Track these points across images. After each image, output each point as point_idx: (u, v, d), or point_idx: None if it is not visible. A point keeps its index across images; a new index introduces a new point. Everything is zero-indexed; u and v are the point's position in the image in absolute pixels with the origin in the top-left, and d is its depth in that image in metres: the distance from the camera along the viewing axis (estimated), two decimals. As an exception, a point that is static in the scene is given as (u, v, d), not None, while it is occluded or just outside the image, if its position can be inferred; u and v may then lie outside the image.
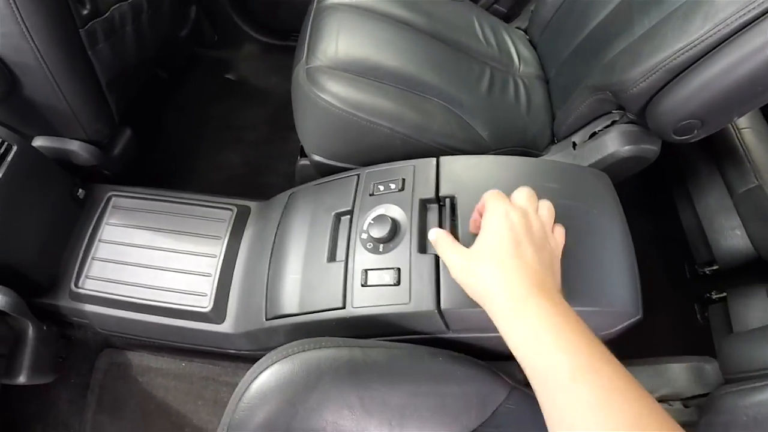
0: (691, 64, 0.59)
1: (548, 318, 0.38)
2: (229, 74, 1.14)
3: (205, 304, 0.71)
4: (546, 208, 0.47)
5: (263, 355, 0.53)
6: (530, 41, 0.92)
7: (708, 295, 0.87)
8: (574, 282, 0.52)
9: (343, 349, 0.49)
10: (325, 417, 0.45)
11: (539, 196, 0.55)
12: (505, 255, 0.41)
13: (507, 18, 1.01)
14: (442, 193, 0.57)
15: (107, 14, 0.70)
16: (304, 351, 0.48)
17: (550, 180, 0.58)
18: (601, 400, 0.34)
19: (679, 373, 0.60)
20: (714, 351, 0.84)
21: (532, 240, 0.42)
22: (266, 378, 0.48)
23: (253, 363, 0.52)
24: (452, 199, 0.56)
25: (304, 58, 0.69)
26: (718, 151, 0.84)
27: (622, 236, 0.59)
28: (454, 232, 0.54)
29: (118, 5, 0.72)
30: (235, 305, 0.72)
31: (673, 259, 0.95)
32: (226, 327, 0.72)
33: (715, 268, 0.84)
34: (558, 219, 0.55)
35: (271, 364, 0.48)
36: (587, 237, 0.56)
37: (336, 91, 0.65)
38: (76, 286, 0.75)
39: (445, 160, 0.59)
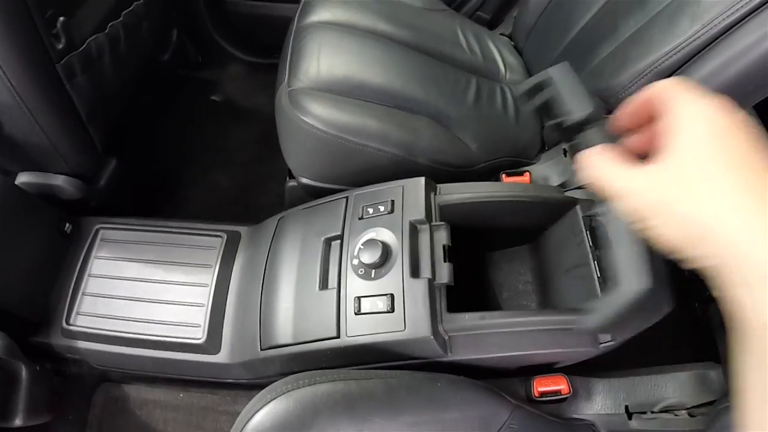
0: (680, 66, 0.59)
1: None
2: (215, 95, 1.14)
3: (199, 336, 0.70)
4: None
5: (262, 384, 0.52)
6: (515, 47, 0.92)
7: (707, 293, 0.87)
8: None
9: (338, 383, 0.48)
10: (324, 455, 0.44)
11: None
12: (749, 167, 0.24)
13: (491, 25, 1.01)
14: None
15: (83, 47, 0.69)
16: (298, 388, 0.47)
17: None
18: None
19: (682, 382, 0.59)
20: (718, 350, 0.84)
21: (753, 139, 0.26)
22: (261, 418, 0.47)
23: (252, 391, 0.52)
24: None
25: (285, 80, 0.69)
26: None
27: None
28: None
29: (94, 37, 0.71)
30: (230, 335, 0.71)
31: (671, 260, 0.94)
32: (221, 357, 0.70)
33: (713, 264, 0.83)
34: None
35: (266, 404, 0.47)
36: None
37: (320, 114, 0.64)
38: (68, 323, 0.74)
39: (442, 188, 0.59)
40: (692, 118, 0.27)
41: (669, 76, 0.60)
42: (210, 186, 1.02)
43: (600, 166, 0.30)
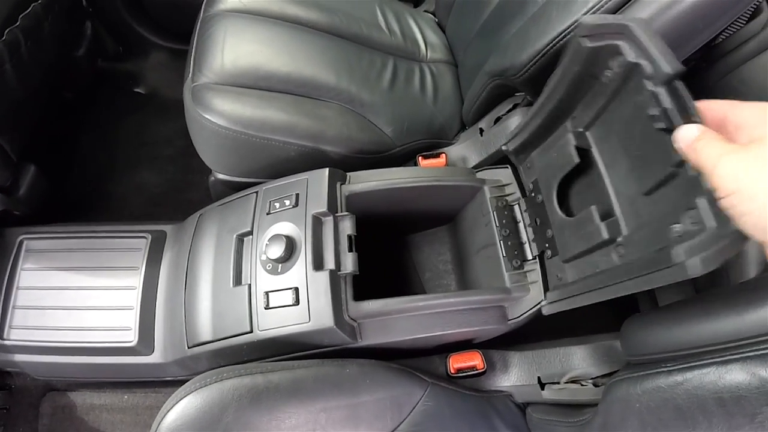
0: None
1: None
2: (138, 87, 1.12)
3: (131, 338, 0.73)
4: None
5: None
6: (438, 24, 0.93)
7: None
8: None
9: (244, 377, 0.51)
10: (235, 448, 0.48)
11: None
12: None
13: (416, 2, 1.01)
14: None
15: (-20, 57, 0.68)
16: (206, 385, 0.51)
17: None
18: None
19: (589, 353, 0.64)
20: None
21: None
22: (173, 417, 0.50)
23: None
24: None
25: (190, 76, 0.69)
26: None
27: None
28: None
29: (-10, 45, 0.70)
30: (162, 335, 0.73)
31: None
32: (155, 357, 0.73)
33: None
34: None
35: (176, 403, 0.50)
36: None
37: (222, 110, 0.65)
38: (2, 337, 0.76)
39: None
40: None
41: None
42: (139, 183, 1.02)
43: (710, 145, 0.31)
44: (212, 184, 0.80)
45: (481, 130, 0.76)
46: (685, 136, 0.33)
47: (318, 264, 0.56)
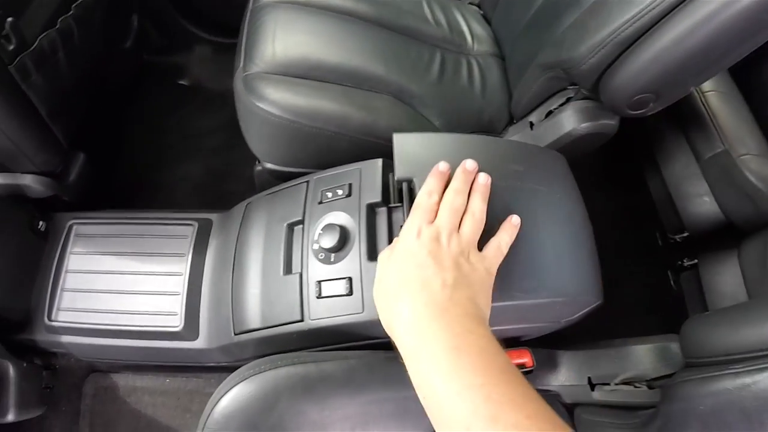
0: (640, 36, 0.57)
1: (446, 357, 0.33)
2: (182, 80, 1.12)
3: (177, 323, 0.73)
4: (469, 224, 0.43)
5: (241, 366, 0.54)
6: (484, 17, 0.90)
7: (680, 262, 0.88)
8: (539, 273, 0.52)
9: (297, 366, 0.50)
10: (288, 434, 0.47)
11: (502, 180, 0.51)
12: (406, 284, 0.38)
13: (460, -7, 0.98)
14: (398, 176, 0.54)
15: (35, 45, 0.69)
16: (260, 372, 0.50)
17: (514, 161, 0.56)
18: None
19: (643, 354, 0.61)
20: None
21: (441, 266, 0.38)
22: (227, 403, 0.49)
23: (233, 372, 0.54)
24: (410, 182, 0.53)
25: (241, 65, 0.68)
26: (683, 117, 0.82)
27: (583, 222, 0.59)
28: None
29: (45, 34, 0.70)
30: (206, 321, 0.73)
31: (646, 229, 0.95)
32: (199, 343, 0.73)
33: (685, 235, 0.84)
34: (523, 204, 0.52)
35: (230, 389, 0.49)
36: (552, 224, 0.54)
37: (274, 99, 0.64)
38: (50, 319, 0.76)
39: (401, 139, 0.55)
40: (402, 236, 0.43)
41: (629, 46, 0.59)
42: (182, 174, 1.02)
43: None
44: (258, 174, 0.79)
45: (531, 124, 0.73)
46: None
47: (372, 254, 0.54)
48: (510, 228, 0.46)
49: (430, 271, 0.38)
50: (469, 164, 0.46)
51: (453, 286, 0.37)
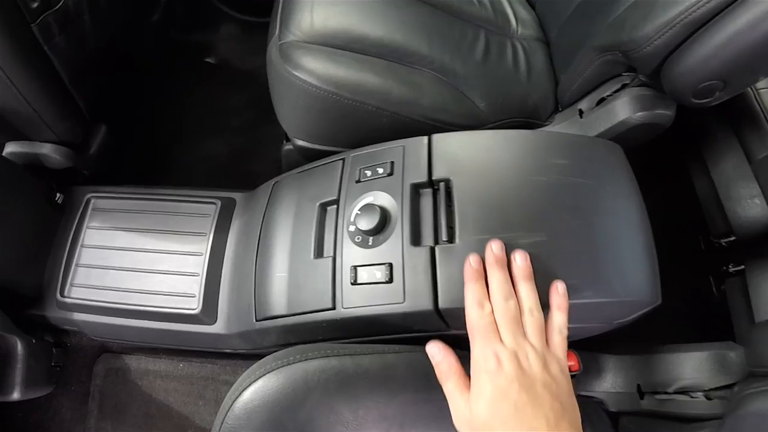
0: (713, 17, 0.50)
1: None
2: (208, 58, 1.05)
3: (195, 306, 0.66)
4: (532, 326, 0.40)
5: (261, 354, 0.48)
6: (528, 1, 0.83)
7: (725, 267, 0.80)
8: (588, 272, 0.47)
9: (331, 359, 0.43)
10: (317, 435, 0.40)
11: (544, 175, 0.48)
12: (513, 428, 0.35)
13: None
14: (435, 176, 0.50)
15: (60, 5, 0.62)
16: (289, 364, 0.43)
17: (557, 155, 0.51)
18: None
19: (700, 362, 0.54)
20: (731, 327, 0.78)
21: (536, 394, 0.36)
22: (250, 396, 0.42)
23: (252, 360, 0.48)
24: (447, 182, 0.49)
25: (276, 33, 0.61)
26: (735, 114, 0.75)
27: (638, 216, 0.52)
28: (450, 219, 0.47)
29: (71, -7, 0.64)
30: (226, 305, 0.66)
31: (687, 231, 0.87)
32: (218, 328, 0.67)
33: (732, 239, 0.77)
34: (570, 199, 0.48)
35: (255, 380, 0.43)
36: (602, 219, 0.49)
37: (313, 69, 0.57)
38: (62, 295, 0.71)
39: (438, 138, 0.52)
40: (478, 374, 0.38)
41: (700, 27, 0.52)
42: (204, 152, 0.96)
43: (445, 377, 0.41)
44: (286, 153, 0.72)
45: (581, 112, 0.66)
46: (434, 357, 0.43)
47: (416, 239, 0.47)
48: (560, 301, 0.42)
49: (523, 405, 0.35)
50: (496, 248, 0.43)
51: (553, 407, 0.36)
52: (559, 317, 0.42)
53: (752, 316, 0.72)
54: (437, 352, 0.42)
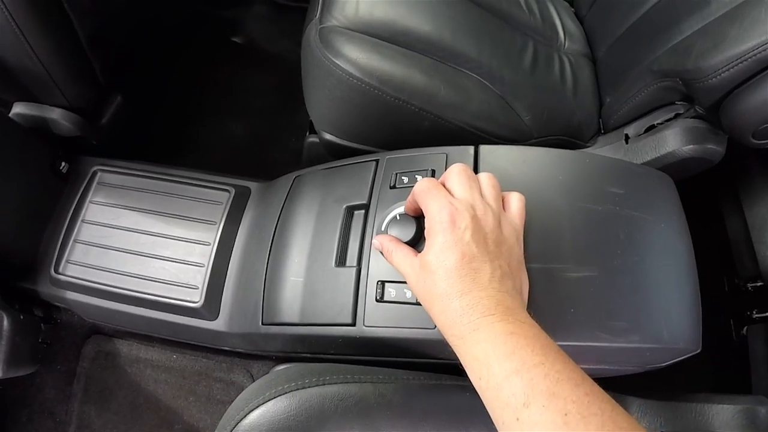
0: None
1: (503, 341, 0.30)
2: (236, 37, 0.98)
3: (196, 299, 0.60)
4: (487, 182, 0.38)
5: (261, 356, 0.42)
6: (576, 15, 0.77)
7: (748, 312, 0.75)
8: (637, 315, 0.42)
9: (351, 385, 0.37)
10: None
11: (599, 203, 0.42)
12: (456, 276, 0.33)
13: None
14: None
15: (83, -43, 0.56)
16: (304, 387, 0.37)
17: (613, 183, 0.45)
18: (559, 427, 0.27)
19: (731, 416, 0.48)
20: (748, 371, 0.73)
21: (486, 248, 0.34)
22: (257, 419, 0.36)
23: (250, 360, 0.42)
24: None
25: (317, 16, 0.55)
26: (778, 159, 0.70)
27: (689, 257, 0.47)
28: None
29: (96, -55, 0.58)
30: (230, 301, 0.60)
31: (712, 271, 0.82)
32: (219, 324, 0.60)
33: (759, 284, 0.72)
34: (623, 233, 0.43)
35: (263, 402, 0.36)
36: (655, 258, 0.44)
37: (356, 58, 0.50)
38: (57, 271, 0.64)
39: (486, 150, 0.46)
40: (433, 227, 0.35)
41: None
42: (222, 133, 0.89)
43: (387, 249, 0.40)
44: (308, 145, 0.66)
45: (627, 137, 0.60)
46: (375, 243, 0.43)
47: (455, 259, 0.41)
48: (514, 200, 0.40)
49: (478, 258, 0.34)
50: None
51: (502, 268, 0.34)
52: (518, 194, 0.40)
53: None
54: (382, 240, 0.41)
